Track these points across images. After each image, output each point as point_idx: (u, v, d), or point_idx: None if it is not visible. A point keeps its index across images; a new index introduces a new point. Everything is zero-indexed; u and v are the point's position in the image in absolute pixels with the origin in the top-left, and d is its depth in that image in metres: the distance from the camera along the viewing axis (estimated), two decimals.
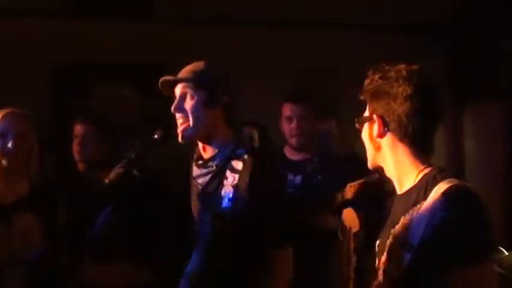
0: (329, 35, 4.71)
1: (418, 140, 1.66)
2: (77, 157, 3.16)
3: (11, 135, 2.59)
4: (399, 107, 1.64)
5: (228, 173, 2.19)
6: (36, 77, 4.23)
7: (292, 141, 3.29)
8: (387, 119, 1.67)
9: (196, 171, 2.32)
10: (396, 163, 1.69)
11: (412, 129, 1.64)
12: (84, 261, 2.69)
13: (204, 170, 2.28)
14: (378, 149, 1.72)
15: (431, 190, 1.58)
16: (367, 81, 1.72)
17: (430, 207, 1.55)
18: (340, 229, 2.83)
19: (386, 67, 1.69)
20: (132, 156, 2.16)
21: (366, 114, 1.75)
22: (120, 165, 2.14)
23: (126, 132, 3.58)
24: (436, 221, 1.52)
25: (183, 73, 2.29)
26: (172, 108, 2.24)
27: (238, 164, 2.19)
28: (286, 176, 2.98)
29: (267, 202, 2.16)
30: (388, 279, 1.64)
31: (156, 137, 2.24)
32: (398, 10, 4.59)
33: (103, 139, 3.14)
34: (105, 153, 3.10)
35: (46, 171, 3.08)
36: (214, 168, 2.24)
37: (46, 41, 4.20)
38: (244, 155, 2.20)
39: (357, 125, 1.78)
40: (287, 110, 3.28)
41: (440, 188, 1.56)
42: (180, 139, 2.24)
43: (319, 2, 4.44)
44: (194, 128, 2.22)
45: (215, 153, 2.26)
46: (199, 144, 2.31)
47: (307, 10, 4.47)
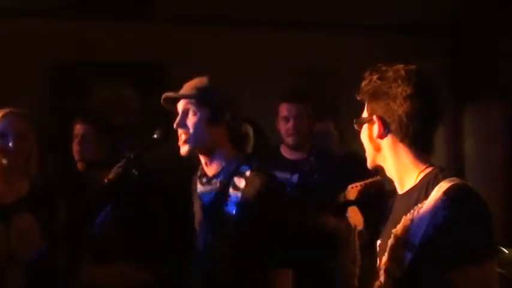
0: (329, 35, 4.71)
1: (418, 140, 1.66)
2: (76, 157, 3.15)
3: (10, 135, 2.58)
4: (399, 108, 1.63)
5: (231, 190, 2.19)
6: (36, 77, 4.23)
7: (289, 140, 3.30)
8: (387, 119, 1.66)
9: (200, 188, 2.31)
10: (397, 163, 1.69)
11: (412, 129, 1.64)
12: (83, 261, 2.68)
13: (208, 187, 2.27)
14: (378, 149, 1.71)
15: (433, 189, 1.58)
16: (364, 82, 1.71)
17: (431, 207, 1.55)
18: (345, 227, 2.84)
19: (383, 67, 1.69)
20: (132, 156, 2.15)
21: (365, 115, 1.74)
22: (119, 164, 2.14)
23: (126, 132, 3.58)
24: (438, 220, 1.52)
25: (185, 89, 2.26)
26: (175, 124, 2.22)
27: (241, 181, 2.18)
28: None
29: (268, 222, 2.14)
30: (390, 279, 1.64)
31: (155, 136, 2.24)
32: (398, 10, 4.59)
33: (103, 139, 3.13)
34: (105, 153, 3.10)
35: (46, 171, 3.08)
36: (218, 185, 2.23)
37: (46, 41, 4.20)
38: (247, 172, 2.19)
39: (355, 126, 1.77)
40: (284, 109, 3.29)
41: (442, 187, 1.56)
42: (182, 153, 2.23)
43: (319, 2, 4.44)
44: (196, 144, 2.21)
45: (219, 170, 2.24)
46: (202, 161, 2.29)
47: (307, 10, 4.47)
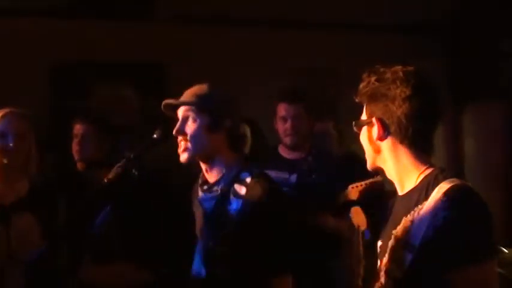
0: (329, 35, 4.71)
1: (418, 140, 1.65)
2: (76, 156, 3.16)
3: (10, 135, 2.59)
4: (398, 109, 1.63)
5: (231, 197, 2.18)
6: (36, 77, 4.22)
7: (287, 140, 3.31)
8: (387, 121, 1.66)
9: (201, 195, 2.30)
10: (397, 165, 1.68)
11: (412, 130, 1.63)
12: (83, 261, 2.68)
13: (209, 194, 2.26)
14: (378, 151, 1.71)
15: (433, 190, 1.58)
16: (362, 84, 1.71)
17: (432, 208, 1.55)
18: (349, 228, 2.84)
19: (381, 69, 1.68)
20: (131, 156, 2.16)
21: (364, 117, 1.74)
22: (119, 164, 2.14)
23: (126, 132, 3.58)
24: (438, 221, 1.52)
25: (186, 96, 2.25)
26: (174, 131, 2.21)
27: (242, 188, 2.17)
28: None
29: (269, 230, 2.13)
30: (390, 280, 1.64)
31: (155, 136, 2.24)
32: (398, 10, 4.58)
33: (103, 139, 3.14)
34: (105, 153, 3.10)
35: (46, 171, 3.08)
36: (218, 192, 2.22)
37: (46, 41, 4.20)
38: (247, 179, 2.18)
39: (355, 129, 1.77)
40: (282, 109, 3.30)
41: (442, 188, 1.56)
42: (181, 161, 2.23)
43: (319, 2, 4.44)
44: (195, 151, 2.20)
45: (220, 176, 2.23)
46: (203, 168, 2.28)
47: (307, 10, 4.47)
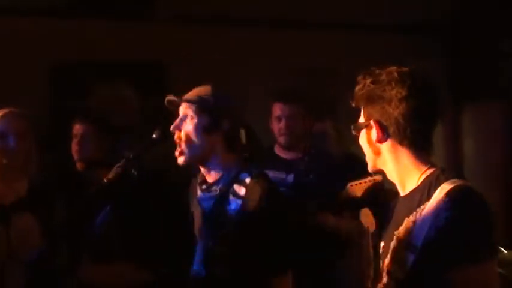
0: (329, 35, 4.71)
1: (417, 140, 1.65)
2: (75, 156, 3.16)
3: (9, 135, 2.59)
4: (395, 110, 1.63)
5: (231, 198, 2.18)
6: (36, 77, 4.22)
7: (281, 140, 3.33)
8: (385, 123, 1.65)
9: (200, 194, 2.30)
10: (398, 166, 1.68)
11: (410, 130, 1.63)
12: (83, 261, 2.68)
13: (207, 194, 2.26)
14: (378, 153, 1.71)
15: (435, 191, 1.57)
16: (358, 87, 1.70)
17: (434, 208, 1.55)
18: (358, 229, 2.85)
19: (376, 71, 1.68)
20: (131, 156, 2.16)
21: (361, 119, 1.73)
22: (118, 164, 2.14)
23: (126, 132, 3.58)
24: (440, 221, 1.52)
25: (189, 94, 2.26)
26: (172, 126, 2.22)
27: (241, 189, 2.17)
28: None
29: (269, 230, 2.13)
30: (392, 281, 1.64)
31: (154, 136, 2.24)
32: (398, 10, 4.58)
33: (102, 139, 3.14)
34: (104, 152, 3.10)
35: (45, 171, 3.08)
36: (217, 192, 2.22)
37: (46, 41, 4.20)
38: (246, 180, 2.18)
39: (353, 132, 1.76)
40: (277, 109, 3.32)
41: (444, 188, 1.56)
42: (179, 163, 2.23)
43: (319, 2, 4.44)
44: (190, 153, 2.20)
45: (219, 177, 2.23)
46: (201, 169, 2.28)
47: (307, 10, 4.47)
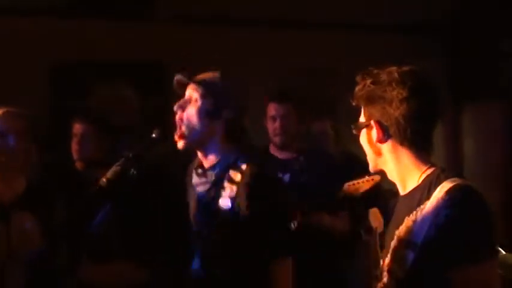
0: (329, 35, 4.72)
1: (418, 140, 1.65)
2: (75, 156, 3.15)
3: (8, 134, 2.59)
4: (395, 111, 1.63)
5: (226, 183, 2.17)
6: (36, 77, 4.23)
7: (276, 140, 3.34)
8: (385, 123, 1.66)
9: (195, 179, 2.30)
10: (398, 166, 1.68)
11: (410, 131, 1.63)
12: (82, 261, 2.68)
13: (203, 179, 2.26)
14: (379, 153, 1.71)
15: (435, 190, 1.58)
16: (358, 87, 1.70)
17: (434, 207, 1.55)
18: (363, 228, 2.84)
19: (375, 71, 1.68)
20: (130, 155, 2.16)
21: (362, 119, 1.73)
22: (117, 163, 2.14)
23: (126, 132, 3.58)
24: (440, 220, 1.52)
25: (197, 77, 2.26)
26: (175, 106, 2.23)
27: (237, 175, 2.17)
28: (282, 182, 2.97)
29: (265, 213, 2.13)
30: (393, 280, 1.64)
31: (154, 136, 2.24)
32: (398, 10, 4.59)
33: (102, 138, 3.14)
34: (104, 152, 3.10)
35: (45, 171, 3.08)
36: (213, 178, 2.22)
37: (46, 41, 4.21)
38: (243, 166, 2.18)
39: (354, 131, 1.76)
40: (272, 109, 3.34)
41: (444, 187, 1.56)
42: (178, 147, 2.23)
43: (319, 2, 4.45)
44: (190, 137, 2.20)
45: (215, 162, 2.23)
46: (199, 154, 2.28)
47: (307, 10, 4.48)
